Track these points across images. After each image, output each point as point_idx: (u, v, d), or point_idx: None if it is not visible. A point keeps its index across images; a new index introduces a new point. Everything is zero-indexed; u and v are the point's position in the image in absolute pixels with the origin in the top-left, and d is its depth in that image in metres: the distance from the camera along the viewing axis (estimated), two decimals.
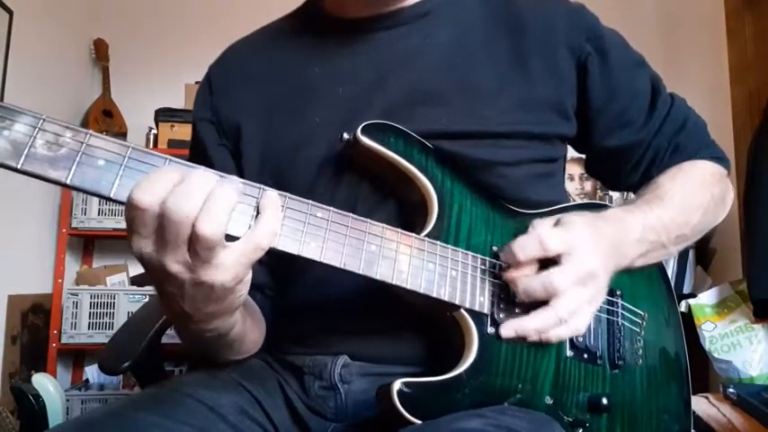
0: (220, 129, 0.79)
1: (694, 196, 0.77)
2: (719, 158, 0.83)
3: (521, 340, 0.63)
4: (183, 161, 0.52)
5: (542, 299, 0.61)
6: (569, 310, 0.61)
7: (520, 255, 0.61)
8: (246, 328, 0.68)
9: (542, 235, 0.61)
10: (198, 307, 0.54)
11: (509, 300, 0.65)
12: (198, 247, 0.48)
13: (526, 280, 0.62)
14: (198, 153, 0.81)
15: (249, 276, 0.54)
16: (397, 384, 0.58)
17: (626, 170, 0.84)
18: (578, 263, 0.62)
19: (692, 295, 2.08)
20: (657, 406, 0.74)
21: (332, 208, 0.58)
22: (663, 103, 0.82)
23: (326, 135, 0.73)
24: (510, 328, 0.62)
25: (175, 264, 0.49)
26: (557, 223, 0.65)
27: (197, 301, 0.53)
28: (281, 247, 0.54)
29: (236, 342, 0.67)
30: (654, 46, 2.95)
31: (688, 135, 0.82)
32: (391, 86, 0.74)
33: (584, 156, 0.88)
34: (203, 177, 0.49)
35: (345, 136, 0.68)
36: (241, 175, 0.77)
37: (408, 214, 0.70)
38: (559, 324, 0.61)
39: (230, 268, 0.50)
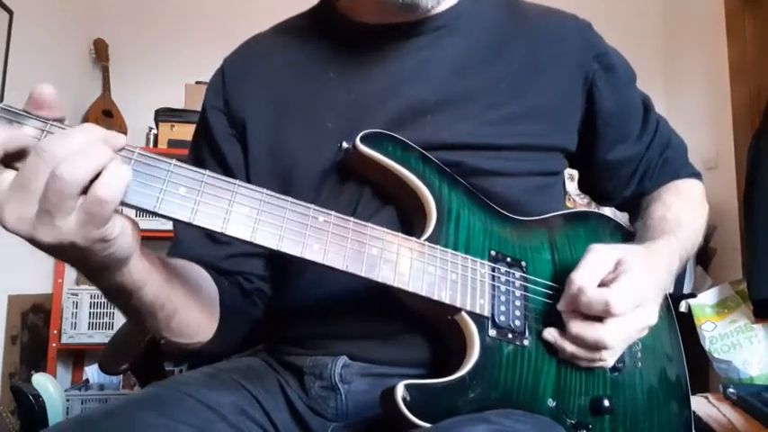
0: (231, 119, 0.80)
1: (698, 218, 0.84)
2: (698, 175, 0.92)
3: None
4: (188, 166, 0.52)
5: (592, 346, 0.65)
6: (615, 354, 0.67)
7: (584, 309, 0.64)
8: (175, 301, 0.62)
9: (611, 299, 0.62)
10: (70, 262, 0.50)
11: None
12: (50, 194, 0.44)
13: (584, 329, 0.65)
14: (206, 140, 0.82)
15: (111, 233, 0.48)
16: (400, 387, 0.58)
17: (623, 183, 0.88)
18: (641, 317, 0.66)
19: (692, 295, 2.08)
20: (659, 407, 0.74)
21: (333, 212, 0.58)
22: (653, 119, 0.88)
23: (336, 140, 0.74)
24: (551, 335, 0.67)
25: (17, 219, 0.45)
26: (617, 268, 0.66)
27: (61, 257, 0.49)
28: (284, 249, 0.54)
29: (157, 311, 0.60)
30: (654, 46, 2.95)
31: (674, 151, 0.89)
32: (402, 96, 0.75)
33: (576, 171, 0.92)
34: (91, 132, 0.46)
35: (345, 145, 0.70)
36: (247, 172, 0.78)
37: (408, 220, 0.71)
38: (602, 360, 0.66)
39: (73, 227, 0.45)
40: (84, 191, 0.45)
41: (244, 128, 0.79)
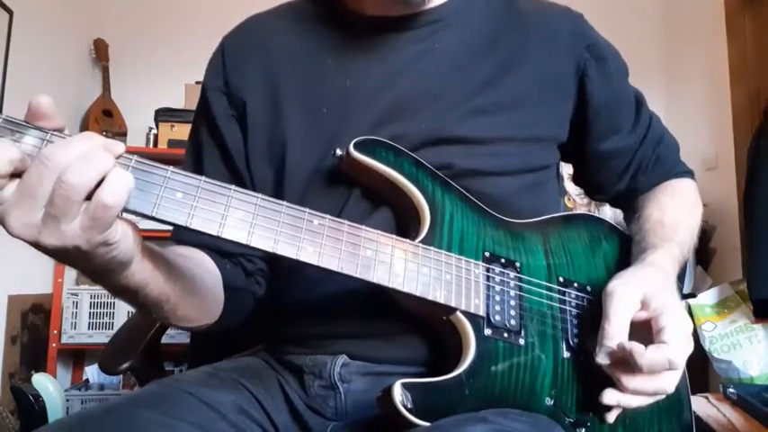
0: (230, 99, 0.81)
1: (692, 218, 0.85)
2: (691, 173, 0.91)
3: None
4: (185, 172, 0.53)
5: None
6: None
7: (646, 371, 0.62)
8: (179, 294, 0.62)
9: (672, 357, 0.62)
10: (73, 265, 0.51)
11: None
12: (56, 199, 0.45)
13: (643, 384, 0.64)
14: (205, 120, 0.82)
15: (113, 237, 0.48)
16: (397, 387, 0.58)
17: (615, 176, 0.88)
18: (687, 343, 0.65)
19: (692, 295, 2.08)
20: (658, 404, 0.74)
21: (328, 215, 0.59)
22: (646, 114, 0.88)
23: (331, 127, 0.74)
24: (612, 398, 0.65)
25: (22, 225, 0.46)
26: (646, 307, 0.66)
27: (65, 261, 0.51)
28: (279, 252, 0.55)
29: (163, 304, 0.61)
30: (654, 46, 2.95)
31: (666, 148, 0.89)
32: (397, 87, 0.76)
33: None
34: (91, 140, 0.47)
35: (338, 152, 0.70)
36: (246, 153, 0.78)
37: (403, 223, 0.72)
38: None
39: (78, 232, 0.46)
40: (88, 196, 0.46)
41: (243, 108, 0.79)
